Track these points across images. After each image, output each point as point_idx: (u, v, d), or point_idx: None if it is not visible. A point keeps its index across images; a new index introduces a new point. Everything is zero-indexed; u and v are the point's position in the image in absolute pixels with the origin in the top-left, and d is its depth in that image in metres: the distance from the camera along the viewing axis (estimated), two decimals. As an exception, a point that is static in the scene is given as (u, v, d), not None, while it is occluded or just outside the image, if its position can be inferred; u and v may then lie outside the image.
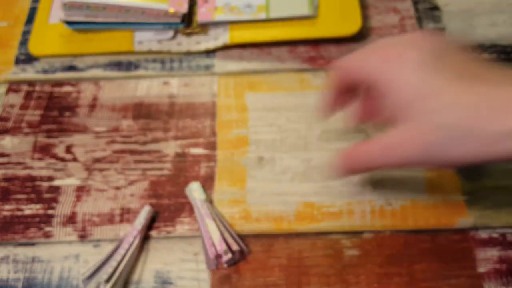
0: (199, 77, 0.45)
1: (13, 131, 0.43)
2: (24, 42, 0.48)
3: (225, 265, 0.35)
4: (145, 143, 0.41)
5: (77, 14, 0.46)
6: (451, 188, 0.38)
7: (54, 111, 0.44)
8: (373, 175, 0.38)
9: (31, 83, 0.45)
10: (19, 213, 0.38)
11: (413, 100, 0.21)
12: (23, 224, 0.38)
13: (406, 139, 0.22)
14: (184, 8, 0.46)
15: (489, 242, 0.36)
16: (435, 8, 0.47)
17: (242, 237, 0.36)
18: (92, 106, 0.44)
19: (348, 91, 0.29)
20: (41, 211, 0.38)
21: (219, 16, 0.45)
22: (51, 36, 0.47)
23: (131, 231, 0.36)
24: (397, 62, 0.22)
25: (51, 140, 0.42)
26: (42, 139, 0.42)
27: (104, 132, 0.42)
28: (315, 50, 0.45)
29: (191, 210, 0.38)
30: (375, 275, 0.35)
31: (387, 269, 0.35)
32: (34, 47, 0.47)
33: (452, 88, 0.20)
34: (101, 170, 0.40)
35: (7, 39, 0.48)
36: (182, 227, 0.37)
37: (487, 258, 0.35)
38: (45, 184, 0.40)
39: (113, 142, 0.42)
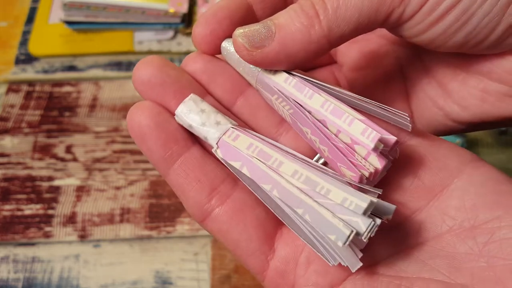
0: (199, 77, 0.45)
1: (13, 131, 0.43)
2: (24, 42, 0.48)
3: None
4: (145, 143, 0.41)
5: (77, 14, 0.46)
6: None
7: (54, 111, 0.44)
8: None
9: (31, 83, 0.45)
10: (19, 213, 0.38)
11: None
12: (23, 224, 0.38)
13: None
14: (184, 8, 0.46)
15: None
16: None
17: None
18: (92, 106, 0.44)
19: None
20: (41, 211, 0.38)
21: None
22: (51, 36, 0.47)
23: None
24: None
25: (51, 140, 0.42)
26: (42, 139, 0.42)
27: (104, 132, 0.42)
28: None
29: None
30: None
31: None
32: (34, 47, 0.47)
33: None
34: (101, 170, 0.40)
35: (7, 39, 0.48)
36: (182, 227, 0.37)
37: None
38: (45, 184, 0.40)
39: (113, 142, 0.42)
